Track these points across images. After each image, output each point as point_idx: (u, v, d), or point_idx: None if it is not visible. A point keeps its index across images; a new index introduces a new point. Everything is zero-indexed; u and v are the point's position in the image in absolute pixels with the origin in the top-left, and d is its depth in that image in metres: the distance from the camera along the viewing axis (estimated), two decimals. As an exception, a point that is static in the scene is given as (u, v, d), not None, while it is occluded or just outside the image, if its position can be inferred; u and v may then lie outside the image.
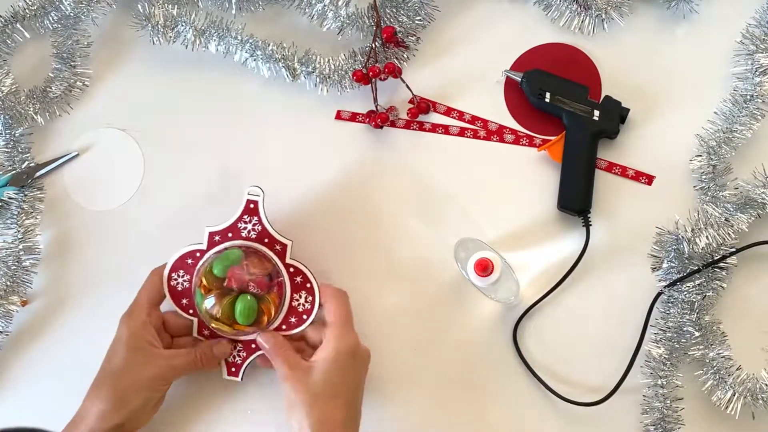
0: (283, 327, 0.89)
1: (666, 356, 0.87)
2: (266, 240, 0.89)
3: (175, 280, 0.90)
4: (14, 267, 0.95)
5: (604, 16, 0.95)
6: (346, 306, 0.87)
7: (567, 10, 0.96)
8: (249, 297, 0.87)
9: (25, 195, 0.97)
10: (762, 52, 0.91)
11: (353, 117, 0.98)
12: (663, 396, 0.86)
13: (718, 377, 0.85)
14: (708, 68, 0.95)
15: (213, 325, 0.88)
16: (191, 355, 0.87)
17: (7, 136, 0.98)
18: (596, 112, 0.92)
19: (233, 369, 0.91)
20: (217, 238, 0.90)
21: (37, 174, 0.98)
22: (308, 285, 0.89)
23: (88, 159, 1.00)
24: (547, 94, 0.93)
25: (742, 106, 0.91)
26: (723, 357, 0.85)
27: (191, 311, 0.90)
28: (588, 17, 0.96)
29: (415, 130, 0.97)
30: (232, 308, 0.86)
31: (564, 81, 0.94)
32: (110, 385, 0.83)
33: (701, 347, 0.86)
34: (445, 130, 0.97)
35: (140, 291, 0.89)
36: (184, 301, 0.90)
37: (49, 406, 0.89)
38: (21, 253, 0.95)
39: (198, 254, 0.90)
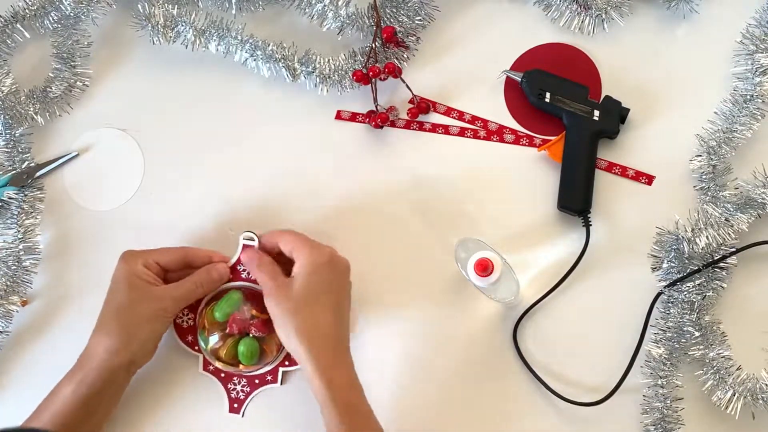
0: (286, 363, 0.91)
1: (666, 356, 0.87)
2: None
3: (180, 317, 0.92)
4: (14, 267, 0.95)
5: (604, 16, 0.95)
6: (297, 233, 0.88)
7: (567, 10, 0.96)
8: (250, 339, 0.89)
9: (25, 195, 0.97)
10: (762, 52, 0.91)
11: (353, 117, 0.98)
12: (663, 396, 0.86)
13: (718, 377, 0.85)
14: (708, 68, 0.95)
15: (217, 364, 0.89)
16: (190, 283, 0.88)
17: (7, 136, 0.98)
18: (596, 112, 0.92)
19: (236, 405, 0.92)
20: None
21: (37, 174, 0.98)
22: None
23: (88, 159, 1.00)
24: (547, 94, 0.93)
25: (742, 106, 0.91)
26: (723, 357, 0.85)
27: (196, 347, 0.92)
28: (588, 17, 0.96)
29: (415, 130, 0.97)
30: (236, 349, 0.89)
31: (564, 81, 0.94)
32: (116, 321, 0.85)
33: (701, 347, 0.86)
34: (445, 130, 0.97)
35: (160, 248, 0.90)
36: (190, 338, 0.92)
37: (49, 406, 0.89)
38: (21, 253, 0.95)
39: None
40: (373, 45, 0.96)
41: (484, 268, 0.83)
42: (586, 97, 0.93)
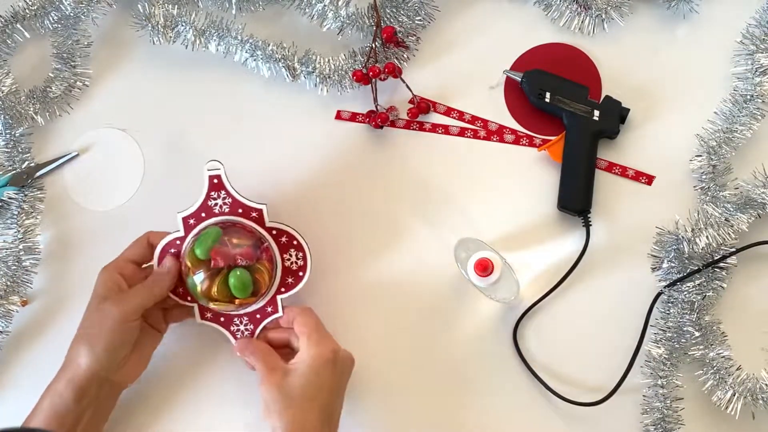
0: (282, 290, 0.89)
1: (666, 356, 0.87)
2: (240, 210, 0.89)
3: None
4: (14, 267, 0.95)
5: (604, 16, 0.95)
6: (314, 316, 0.87)
7: (567, 10, 0.96)
8: (240, 270, 0.86)
9: (25, 195, 0.97)
10: (762, 52, 0.91)
11: (353, 117, 0.98)
12: (663, 396, 0.86)
13: (718, 377, 0.85)
14: (708, 68, 0.95)
15: (212, 305, 0.87)
16: (144, 283, 0.87)
17: (7, 136, 0.98)
18: (596, 112, 0.92)
19: None
20: (192, 221, 0.89)
21: (37, 174, 0.98)
22: (295, 242, 0.89)
23: (88, 159, 1.00)
24: (547, 94, 0.93)
25: (742, 106, 0.91)
26: (723, 357, 0.85)
27: (189, 298, 0.90)
28: (588, 17, 0.96)
29: (415, 130, 0.97)
30: (227, 285, 0.86)
31: (564, 81, 0.94)
32: (81, 335, 0.85)
33: (701, 347, 0.86)
34: (445, 130, 0.97)
35: (127, 247, 0.90)
36: (180, 290, 0.90)
37: (49, 406, 0.89)
38: (21, 253, 0.95)
39: (178, 242, 0.89)
40: (373, 45, 0.96)
41: (484, 268, 0.83)
42: (586, 97, 0.93)
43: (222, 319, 0.90)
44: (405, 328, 0.92)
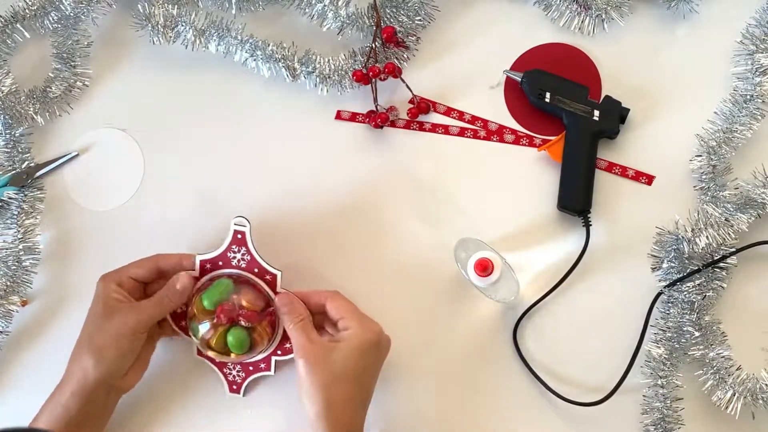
0: (279, 352, 0.91)
1: (666, 356, 0.87)
2: (256, 270, 0.89)
3: None
4: (14, 267, 0.95)
5: (604, 16, 0.95)
6: (346, 299, 0.87)
7: (567, 10, 0.96)
8: (239, 330, 0.87)
9: (25, 195, 0.97)
10: (762, 52, 0.91)
11: (353, 117, 0.98)
12: (663, 396, 0.86)
13: (718, 377, 0.85)
14: (708, 68, 0.95)
15: (209, 353, 0.88)
16: (156, 299, 0.87)
17: (7, 136, 0.98)
18: (596, 112, 0.92)
19: (234, 387, 0.92)
20: (208, 266, 0.90)
21: (37, 174, 0.98)
22: None
23: (88, 159, 1.00)
24: (547, 94, 0.93)
25: (742, 106, 0.91)
26: (723, 357, 0.85)
27: (189, 333, 0.91)
28: (588, 17, 0.96)
29: (415, 130, 0.97)
30: (225, 339, 0.87)
31: (564, 81, 0.94)
32: (87, 344, 0.85)
33: (701, 347, 0.86)
34: (445, 130, 0.97)
35: (131, 263, 0.89)
36: (183, 323, 0.91)
37: (49, 406, 0.89)
38: (21, 253, 0.95)
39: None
40: (373, 45, 0.96)
41: (484, 268, 0.83)
42: (586, 97, 0.93)
43: (216, 360, 0.92)
44: (405, 327, 0.92)
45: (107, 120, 1.01)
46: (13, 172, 0.98)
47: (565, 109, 0.93)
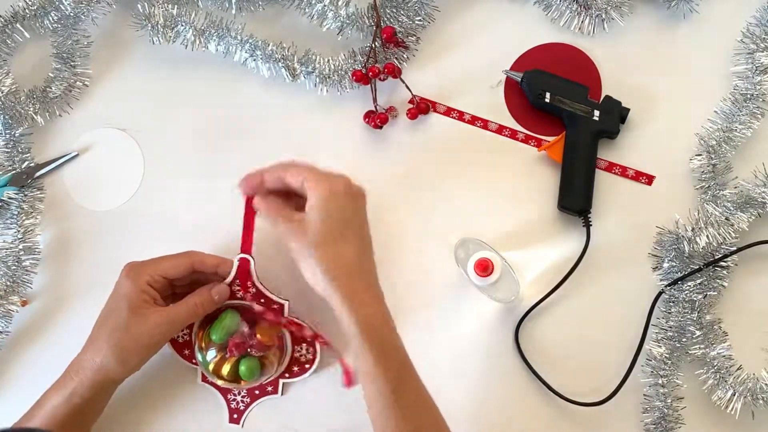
0: (286, 375, 0.91)
1: (667, 355, 0.87)
2: (262, 300, 0.90)
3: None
4: (14, 267, 0.95)
5: (604, 16, 0.95)
6: (307, 163, 0.83)
7: (567, 10, 0.96)
8: (251, 360, 0.88)
9: (25, 195, 0.97)
10: (762, 51, 0.91)
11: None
12: (664, 395, 0.86)
13: (718, 377, 0.85)
14: (708, 68, 0.95)
15: (218, 381, 0.89)
16: (190, 306, 0.86)
17: (7, 136, 0.98)
18: (596, 112, 0.92)
19: (235, 416, 0.92)
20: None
21: (37, 174, 0.98)
22: (309, 339, 0.91)
23: (88, 159, 1.00)
24: (547, 94, 0.93)
25: (742, 105, 0.91)
26: (724, 356, 0.85)
27: (194, 361, 0.91)
28: (588, 17, 0.96)
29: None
30: (237, 369, 0.88)
31: (564, 81, 0.94)
32: (110, 344, 0.83)
33: (702, 346, 0.86)
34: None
35: (163, 258, 0.88)
36: (186, 351, 0.92)
37: (49, 406, 0.89)
38: (21, 253, 0.95)
39: None
40: (373, 45, 0.96)
41: (484, 268, 0.83)
42: (586, 97, 0.93)
43: (221, 386, 0.92)
44: (404, 328, 0.92)
45: (107, 120, 1.01)
46: (13, 172, 0.98)
47: (565, 109, 0.93)
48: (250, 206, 0.86)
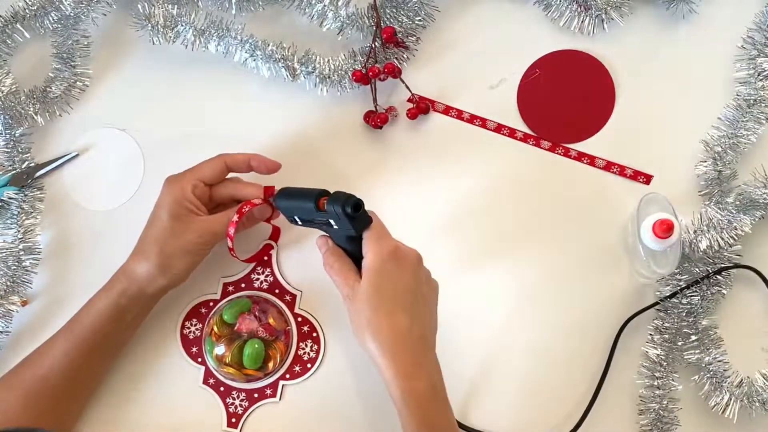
0: (287, 376, 0.92)
1: (663, 357, 0.87)
2: (277, 290, 0.93)
3: (188, 328, 0.94)
4: (14, 267, 0.95)
5: (604, 16, 0.95)
6: (378, 222, 0.83)
7: (567, 10, 0.96)
8: (257, 343, 0.90)
9: (25, 195, 0.97)
10: (764, 56, 0.91)
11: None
12: (659, 397, 0.87)
13: (714, 381, 0.85)
14: (708, 68, 0.95)
15: (222, 370, 0.90)
16: (230, 215, 0.88)
17: (7, 136, 0.98)
18: (332, 221, 0.81)
19: (233, 420, 0.92)
20: (230, 288, 0.94)
21: (37, 174, 0.98)
22: (314, 334, 0.93)
23: (88, 159, 1.00)
24: (296, 218, 0.86)
25: (746, 111, 0.91)
26: (719, 361, 0.86)
27: (200, 359, 0.93)
28: (588, 17, 0.95)
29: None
30: (241, 353, 0.89)
31: (296, 198, 0.84)
32: (155, 250, 0.86)
33: (698, 351, 0.86)
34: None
35: (199, 164, 0.90)
36: (194, 349, 0.93)
37: (50, 406, 0.90)
38: (21, 253, 0.95)
39: (211, 303, 0.94)
40: (373, 45, 0.96)
41: (668, 228, 0.80)
42: (316, 209, 0.81)
43: (221, 389, 0.92)
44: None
45: (107, 120, 1.01)
46: (13, 172, 0.98)
47: (316, 227, 0.85)
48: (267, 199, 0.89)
